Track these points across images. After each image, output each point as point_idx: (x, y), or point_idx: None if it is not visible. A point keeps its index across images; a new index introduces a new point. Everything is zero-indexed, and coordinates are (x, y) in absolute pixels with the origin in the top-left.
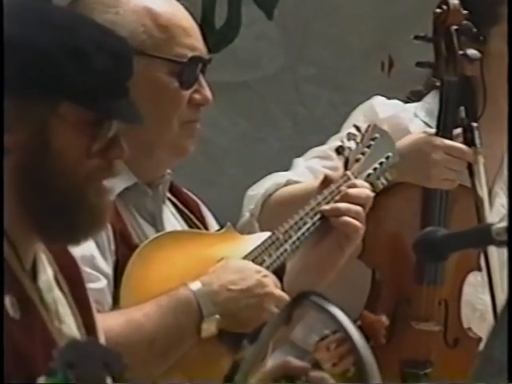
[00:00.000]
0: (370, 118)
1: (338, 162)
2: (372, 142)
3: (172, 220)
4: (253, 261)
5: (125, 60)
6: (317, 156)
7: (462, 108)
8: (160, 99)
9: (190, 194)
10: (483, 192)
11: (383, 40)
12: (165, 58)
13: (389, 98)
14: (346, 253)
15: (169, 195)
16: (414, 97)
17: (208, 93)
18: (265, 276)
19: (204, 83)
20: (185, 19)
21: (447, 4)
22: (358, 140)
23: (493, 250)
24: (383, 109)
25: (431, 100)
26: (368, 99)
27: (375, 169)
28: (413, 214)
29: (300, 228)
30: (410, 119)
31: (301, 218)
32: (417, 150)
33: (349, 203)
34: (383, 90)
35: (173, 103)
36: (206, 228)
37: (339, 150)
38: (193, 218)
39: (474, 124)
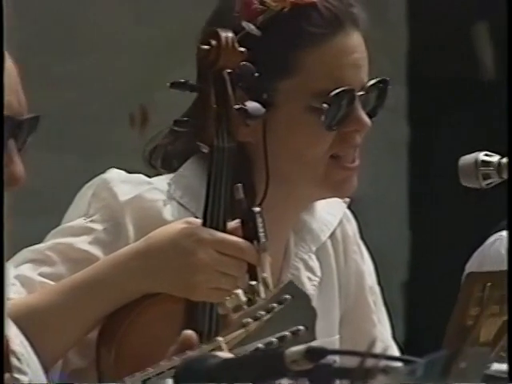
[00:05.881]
0: (106, 201)
1: (62, 267)
2: (275, 305)
3: None
4: None
5: None
6: (30, 259)
7: (240, 186)
8: None
9: None
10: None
11: (133, 86)
12: None
13: (131, 172)
14: None
15: None
16: (163, 165)
17: None
18: None
19: None
20: None
21: (218, 38)
22: (263, 294)
23: None
24: (123, 188)
25: (190, 172)
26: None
27: (269, 344)
28: (170, 337)
29: None
30: (164, 202)
31: None
32: (174, 247)
33: None
34: (134, 154)
35: None
36: None
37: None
38: None
39: (257, 209)
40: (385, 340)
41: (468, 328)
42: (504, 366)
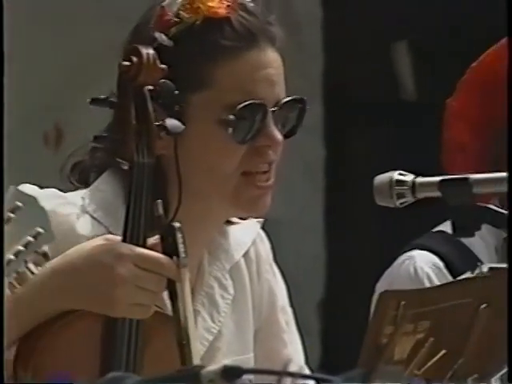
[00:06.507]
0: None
1: None
2: (12, 215)
3: None
4: None
5: None
6: None
7: (160, 202)
8: None
9: None
10: (188, 321)
11: (47, 101)
12: None
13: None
14: None
15: None
16: (79, 180)
17: None
18: None
19: None
20: None
21: (139, 54)
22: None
23: None
24: None
25: (105, 186)
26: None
27: (18, 253)
28: (89, 356)
29: None
30: (77, 216)
31: None
32: (93, 262)
33: None
34: (48, 172)
35: None
36: None
37: None
38: None
39: (177, 224)
40: (296, 361)
41: (382, 347)
42: None
